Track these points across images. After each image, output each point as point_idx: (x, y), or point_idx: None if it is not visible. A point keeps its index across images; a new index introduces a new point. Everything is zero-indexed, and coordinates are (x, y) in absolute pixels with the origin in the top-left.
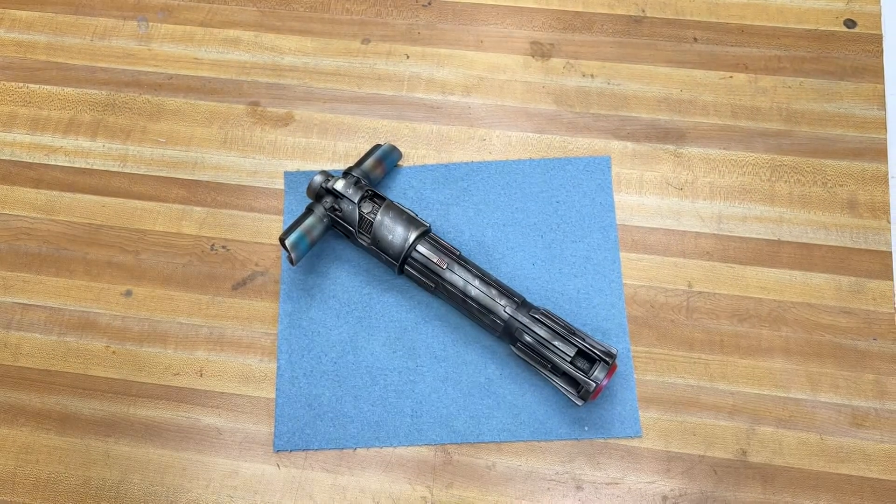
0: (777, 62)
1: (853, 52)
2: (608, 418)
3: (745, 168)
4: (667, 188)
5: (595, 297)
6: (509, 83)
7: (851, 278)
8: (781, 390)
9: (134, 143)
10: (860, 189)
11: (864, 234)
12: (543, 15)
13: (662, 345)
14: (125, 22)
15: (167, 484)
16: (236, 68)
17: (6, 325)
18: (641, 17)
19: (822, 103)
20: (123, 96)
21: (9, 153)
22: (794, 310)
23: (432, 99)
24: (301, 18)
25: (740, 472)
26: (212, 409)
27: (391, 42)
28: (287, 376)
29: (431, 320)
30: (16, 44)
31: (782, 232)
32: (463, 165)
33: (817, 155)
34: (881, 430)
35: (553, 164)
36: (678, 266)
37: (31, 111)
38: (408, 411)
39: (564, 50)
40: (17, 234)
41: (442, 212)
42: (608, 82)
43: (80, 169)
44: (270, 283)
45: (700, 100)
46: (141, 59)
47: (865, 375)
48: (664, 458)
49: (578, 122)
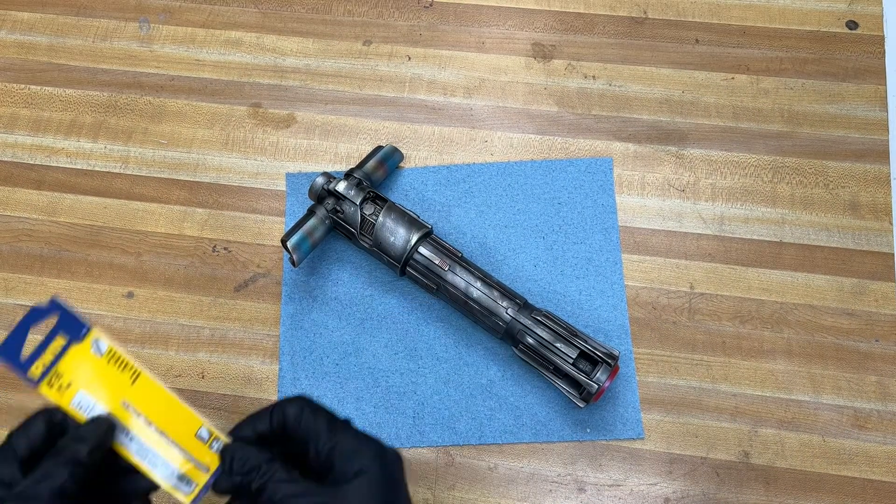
0: (779, 63)
1: (855, 54)
2: (610, 420)
3: (747, 169)
4: (669, 190)
5: (597, 299)
6: (511, 85)
7: (853, 280)
8: (783, 392)
9: (135, 145)
10: (862, 190)
11: (867, 235)
12: (545, 16)
13: (664, 346)
14: (127, 23)
15: None
16: (238, 70)
17: (8, 328)
18: (643, 18)
19: (824, 105)
20: (125, 98)
21: (10, 154)
22: (796, 311)
23: (434, 100)
24: (302, 20)
25: (743, 474)
26: (214, 412)
27: (393, 44)
28: (289, 378)
29: (433, 322)
30: (17, 45)
31: (784, 233)
32: (465, 167)
33: (819, 156)
34: (884, 431)
35: (555, 165)
36: (680, 268)
37: (33, 113)
38: (409, 413)
39: (566, 51)
40: (18, 236)
41: (444, 213)
42: (610, 84)
43: (81, 170)
44: (272, 285)
45: (702, 101)
46: (142, 61)
47: (868, 377)
48: (666, 460)
49: (580, 123)
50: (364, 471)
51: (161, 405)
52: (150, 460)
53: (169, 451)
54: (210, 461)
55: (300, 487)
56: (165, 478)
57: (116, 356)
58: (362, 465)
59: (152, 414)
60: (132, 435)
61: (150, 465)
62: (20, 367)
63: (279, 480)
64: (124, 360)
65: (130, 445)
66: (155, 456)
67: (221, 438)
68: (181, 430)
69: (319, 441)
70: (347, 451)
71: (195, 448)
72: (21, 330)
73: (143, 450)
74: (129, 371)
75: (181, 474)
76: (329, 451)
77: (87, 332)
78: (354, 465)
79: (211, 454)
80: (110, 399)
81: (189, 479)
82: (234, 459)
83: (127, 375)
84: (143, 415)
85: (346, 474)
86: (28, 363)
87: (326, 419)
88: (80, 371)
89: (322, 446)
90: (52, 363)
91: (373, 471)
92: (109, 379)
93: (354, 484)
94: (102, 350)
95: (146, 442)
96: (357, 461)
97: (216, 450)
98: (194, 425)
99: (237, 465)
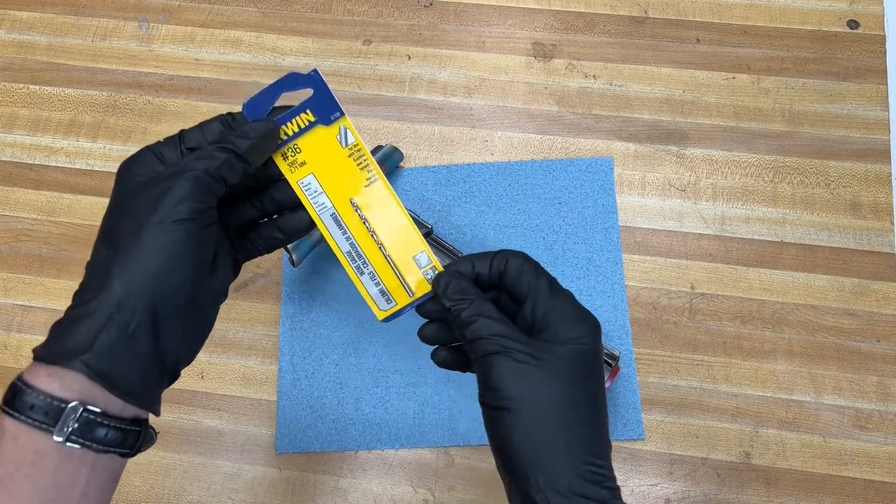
0: (780, 63)
1: (856, 54)
2: (611, 421)
3: (748, 169)
4: (669, 189)
5: (597, 299)
6: (511, 84)
7: (854, 280)
8: (784, 392)
9: (135, 145)
10: (863, 190)
11: (868, 235)
12: (545, 16)
13: (665, 347)
14: (126, 23)
15: (168, 486)
16: (237, 69)
17: (7, 327)
18: (644, 17)
19: (825, 104)
20: (124, 97)
21: (9, 154)
22: (797, 311)
23: (434, 100)
24: (302, 19)
25: (743, 475)
26: (213, 412)
27: (393, 43)
28: (288, 378)
29: None
30: (16, 45)
31: (785, 233)
32: (465, 167)
33: (820, 156)
34: (885, 432)
35: (555, 165)
36: (681, 268)
37: (32, 112)
38: (409, 413)
39: (566, 51)
40: (17, 236)
41: (444, 213)
42: (610, 83)
43: (80, 170)
44: (272, 285)
45: (703, 101)
46: (142, 60)
47: (869, 377)
48: (667, 461)
49: (580, 123)
50: (581, 339)
51: (388, 217)
52: (357, 266)
53: (381, 264)
54: (417, 286)
55: (510, 331)
56: (367, 287)
57: (360, 153)
58: (580, 333)
59: (377, 222)
60: (349, 235)
61: (357, 273)
62: None
63: (490, 318)
64: (367, 159)
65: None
66: (366, 262)
67: (439, 268)
68: (400, 247)
69: (539, 298)
70: (569, 316)
71: (408, 268)
72: (272, 91)
73: (355, 252)
74: (366, 172)
75: (384, 289)
76: (547, 311)
77: (339, 118)
78: (572, 332)
79: (421, 280)
80: (340, 192)
81: (390, 296)
82: (449, 284)
83: (363, 175)
84: (367, 220)
85: (560, 337)
86: None
87: (548, 280)
88: (319, 154)
89: (540, 304)
90: (294, 135)
91: (589, 343)
92: (346, 172)
93: (570, 348)
94: (349, 141)
95: (360, 246)
96: (576, 329)
97: (430, 278)
98: (416, 248)
99: (452, 290)
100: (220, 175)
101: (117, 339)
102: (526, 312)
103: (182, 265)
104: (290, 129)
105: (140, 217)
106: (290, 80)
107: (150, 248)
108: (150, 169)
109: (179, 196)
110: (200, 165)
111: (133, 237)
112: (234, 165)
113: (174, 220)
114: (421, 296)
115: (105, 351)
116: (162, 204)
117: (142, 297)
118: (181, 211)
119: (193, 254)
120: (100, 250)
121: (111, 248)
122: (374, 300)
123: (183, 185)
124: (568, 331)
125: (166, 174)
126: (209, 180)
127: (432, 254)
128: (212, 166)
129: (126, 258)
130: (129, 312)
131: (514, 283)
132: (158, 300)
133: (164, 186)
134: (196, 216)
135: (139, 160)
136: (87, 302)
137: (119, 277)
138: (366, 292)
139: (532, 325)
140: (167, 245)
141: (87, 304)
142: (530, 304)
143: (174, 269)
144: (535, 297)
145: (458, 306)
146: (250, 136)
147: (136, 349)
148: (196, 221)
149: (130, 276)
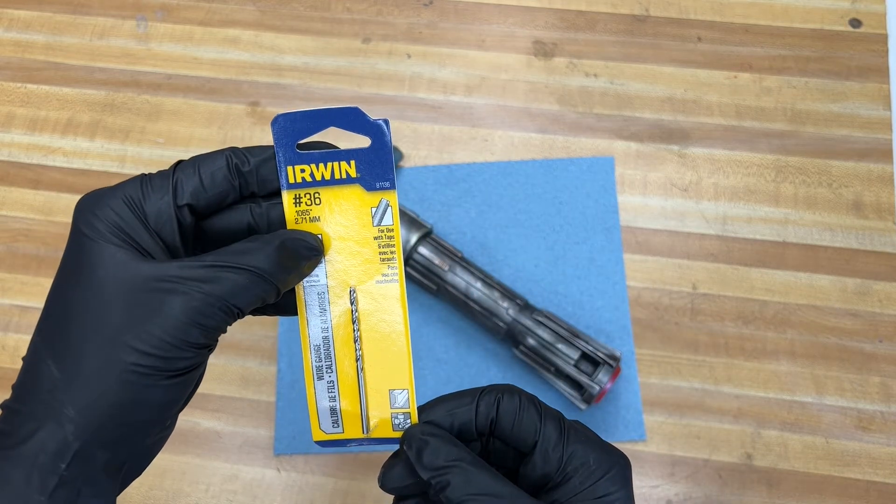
0: (782, 62)
1: (859, 52)
2: (612, 422)
3: (750, 169)
4: (671, 189)
5: (598, 300)
6: (512, 83)
7: (857, 280)
8: (787, 393)
9: (132, 144)
10: (866, 190)
11: (870, 235)
12: (546, 14)
13: (666, 347)
14: (124, 21)
15: (167, 488)
16: (236, 68)
17: (4, 328)
18: (645, 16)
19: (828, 103)
20: (122, 96)
21: (6, 154)
22: (800, 312)
23: (434, 99)
24: (301, 17)
25: (745, 476)
26: (211, 413)
27: (392, 41)
28: (287, 380)
29: (433, 323)
30: (13, 43)
31: (787, 233)
32: (465, 166)
33: (822, 156)
34: (888, 433)
35: (556, 164)
36: (682, 268)
37: (29, 111)
38: None
39: (567, 49)
40: (15, 236)
41: (444, 213)
42: (611, 82)
43: (78, 170)
44: None
45: (704, 100)
46: (140, 59)
47: (871, 378)
48: (668, 462)
49: (581, 122)
50: (611, 497)
51: (386, 328)
52: (318, 367)
53: (348, 378)
54: (378, 427)
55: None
56: (317, 396)
57: (392, 240)
58: (608, 490)
59: (368, 327)
60: (328, 326)
61: (315, 375)
62: (288, 151)
63: (489, 495)
64: (396, 251)
65: (311, 322)
66: (331, 368)
67: (414, 420)
68: (382, 371)
69: (549, 448)
70: (592, 467)
71: (378, 400)
72: (316, 119)
73: (324, 350)
74: (387, 266)
75: (336, 408)
76: (562, 464)
77: (386, 189)
78: (599, 489)
79: (386, 421)
80: (344, 273)
81: (340, 420)
82: (424, 449)
83: (382, 268)
84: (359, 320)
85: (584, 496)
86: (297, 158)
87: (555, 419)
88: (341, 218)
89: (552, 456)
90: (321, 182)
91: (621, 498)
92: (363, 255)
93: None
94: (384, 221)
95: (335, 347)
96: (604, 485)
97: (399, 425)
98: (399, 382)
99: (429, 456)
100: (234, 305)
101: (58, 485)
102: (534, 467)
103: (157, 415)
104: (322, 172)
105: (108, 342)
106: (348, 115)
107: (118, 397)
108: (125, 225)
109: (171, 332)
110: (205, 288)
111: (96, 375)
112: (257, 288)
113: (161, 374)
114: (376, 438)
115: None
116: (143, 334)
117: (104, 449)
118: (169, 363)
119: (176, 402)
120: (45, 361)
121: (62, 367)
122: (318, 415)
123: (177, 317)
124: (594, 488)
125: (153, 280)
126: (216, 312)
127: (414, 400)
128: (223, 290)
129: (84, 400)
130: (80, 465)
131: (512, 433)
132: (118, 447)
133: (150, 305)
134: (188, 370)
135: (105, 208)
136: (33, 433)
137: (74, 423)
138: (313, 402)
139: (543, 482)
140: (143, 399)
141: (33, 435)
142: (539, 456)
143: (146, 421)
144: (545, 448)
145: (440, 479)
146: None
147: (82, 495)
148: (189, 371)
149: (88, 425)
